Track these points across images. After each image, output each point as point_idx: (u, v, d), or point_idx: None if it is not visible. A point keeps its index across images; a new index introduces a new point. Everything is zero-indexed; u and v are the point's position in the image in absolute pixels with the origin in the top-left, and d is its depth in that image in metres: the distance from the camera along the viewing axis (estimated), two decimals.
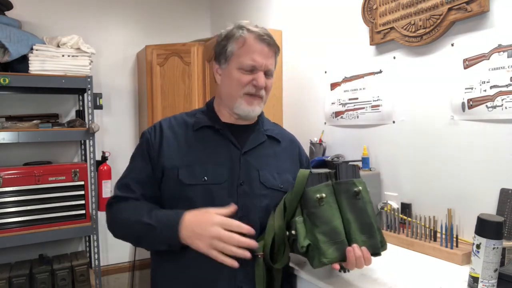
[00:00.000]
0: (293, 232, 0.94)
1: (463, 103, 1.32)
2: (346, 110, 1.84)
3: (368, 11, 1.67)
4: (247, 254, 0.89)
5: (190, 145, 1.07)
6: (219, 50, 1.11)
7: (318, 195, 0.92)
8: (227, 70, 1.08)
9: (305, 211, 0.93)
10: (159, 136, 1.09)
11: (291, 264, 1.14)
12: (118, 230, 1.07)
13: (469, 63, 1.30)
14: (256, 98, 1.08)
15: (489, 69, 1.24)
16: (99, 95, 2.61)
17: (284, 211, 0.99)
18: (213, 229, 0.90)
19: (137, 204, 1.03)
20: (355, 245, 0.90)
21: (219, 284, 0.99)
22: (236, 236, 0.89)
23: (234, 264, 0.89)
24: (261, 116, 1.19)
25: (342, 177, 0.96)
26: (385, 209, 1.44)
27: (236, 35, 1.06)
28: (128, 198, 1.05)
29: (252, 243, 0.90)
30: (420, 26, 1.43)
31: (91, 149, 2.45)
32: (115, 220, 1.07)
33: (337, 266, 0.91)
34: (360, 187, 0.93)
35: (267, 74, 1.08)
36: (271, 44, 1.07)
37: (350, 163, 1.08)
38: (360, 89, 1.76)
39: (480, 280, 0.91)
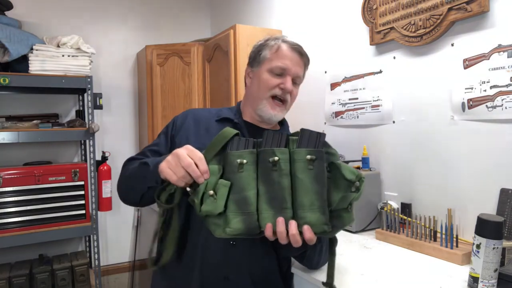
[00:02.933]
0: (210, 191, 0.84)
1: (463, 103, 1.32)
2: (346, 110, 1.84)
3: (368, 11, 1.67)
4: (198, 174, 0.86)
5: (208, 132, 1.12)
6: (253, 55, 1.18)
7: (238, 160, 0.85)
8: (258, 72, 1.15)
9: (224, 176, 0.86)
10: (183, 120, 1.16)
11: (293, 268, 1.14)
12: (122, 177, 1.09)
13: (469, 63, 1.30)
14: (279, 104, 1.13)
15: (489, 69, 1.24)
16: (99, 95, 2.61)
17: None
18: (178, 151, 0.89)
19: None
20: (279, 219, 0.81)
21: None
22: (189, 159, 0.86)
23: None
24: (284, 124, 1.25)
25: (267, 145, 0.86)
26: (385, 209, 1.44)
27: (271, 44, 1.14)
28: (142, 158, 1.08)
29: (201, 169, 0.86)
30: (420, 26, 1.43)
31: (91, 149, 2.45)
32: (123, 172, 1.10)
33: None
34: (278, 157, 0.83)
35: (295, 81, 1.14)
36: (303, 54, 1.14)
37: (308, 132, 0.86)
38: (360, 89, 1.76)
39: (480, 280, 0.91)
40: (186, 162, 0.85)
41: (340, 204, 0.82)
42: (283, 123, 1.25)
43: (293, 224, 0.80)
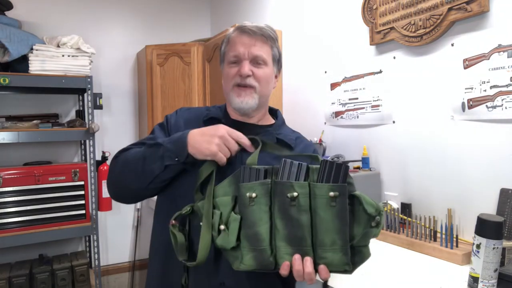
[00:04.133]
0: (221, 226, 0.83)
1: (463, 103, 1.32)
2: (346, 110, 1.84)
3: (368, 11, 1.67)
4: (246, 142, 0.92)
5: None
6: (219, 55, 1.16)
7: (248, 194, 0.81)
8: (223, 69, 1.13)
9: (237, 208, 0.84)
10: (175, 119, 1.14)
11: None
12: (118, 166, 1.04)
13: (469, 63, 1.30)
14: (244, 89, 1.07)
15: (489, 69, 1.24)
16: (99, 95, 2.62)
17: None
18: (220, 131, 0.92)
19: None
20: (296, 256, 0.78)
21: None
22: (237, 134, 0.92)
23: (223, 160, 0.91)
24: (277, 120, 1.19)
25: (283, 177, 0.81)
26: (385, 209, 1.44)
27: (225, 38, 1.12)
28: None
29: (247, 142, 0.92)
30: (420, 26, 1.43)
31: (91, 149, 2.45)
32: (118, 162, 1.04)
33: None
34: (297, 193, 0.78)
35: (256, 62, 1.07)
36: (252, 32, 1.06)
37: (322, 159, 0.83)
38: (360, 89, 1.76)
39: (480, 280, 0.91)
40: (232, 144, 0.89)
41: (361, 241, 0.78)
42: (276, 115, 1.20)
43: (308, 262, 0.77)
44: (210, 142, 0.90)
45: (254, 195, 0.81)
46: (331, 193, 0.77)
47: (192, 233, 0.95)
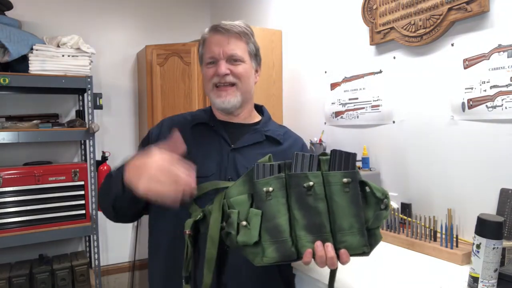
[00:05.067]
0: (243, 222, 0.84)
1: (463, 103, 1.32)
2: (346, 110, 1.84)
3: (368, 11, 1.67)
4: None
5: (185, 140, 1.07)
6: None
7: (265, 189, 0.83)
8: (202, 72, 1.14)
9: (254, 205, 0.86)
10: (158, 131, 1.13)
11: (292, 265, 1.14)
12: (100, 194, 1.10)
13: (469, 63, 1.30)
14: (224, 88, 1.08)
15: (489, 69, 1.24)
16: (99, 95, 2.61)
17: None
18: (155, 163, 0.84)
19: None
20: (318, 243, 0.80)
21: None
22: (176, 171, 0.83)
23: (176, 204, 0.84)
24: (264, 117, 1.20)
25: (297, 169, 0.84)
26: None
27: (202, 38, 1.12)
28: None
29: (191, 183, 0.85)
30: (420, 26, 1.43)
31: (91, 149, 2.45)
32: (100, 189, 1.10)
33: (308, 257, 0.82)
34: (313, 182, 0.82)
35: (233, 60, 1.08)
36: (225, 30, 1.07)
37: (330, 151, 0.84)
38: (360, 89, 1.76)
39: (480, 280, 0.91)
40: (173, 174, 0.84)
41: (375, 223, 0.82)
42: (262, 112, 1.20)
43: (329, 247, 0.80)
44: (142, 175, 0.85)
45: (271, 189, 0.83)
46: (344, 179, 0.81)
47: (199, 240, 0.96)
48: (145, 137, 1.16)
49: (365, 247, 0.81)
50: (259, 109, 1.23)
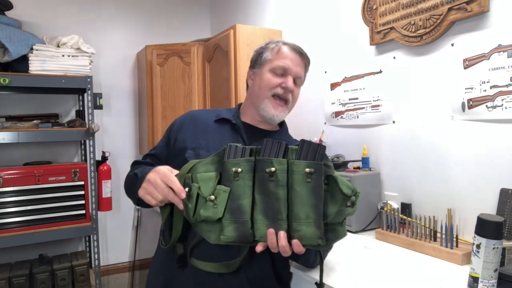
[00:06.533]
0: (211, 196, 0.86)
1: (463, 103, 1.32)
2: (346, 110, 1.84)
3: (368, 11, 1.67)
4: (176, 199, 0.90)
5: (206, 132, 1.14)
6: (255, 58, 1.20)
7: (234, 169, 0.85)
8: (260, 73, 1.16)
9: (221, 183, 0.88)
10: (181, 122, 1.19)
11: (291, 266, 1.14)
12: (125, 184, 1.16)
13: (469, 63, 1.30)
14: (282, 103, 1.14)
15: (489, 69, 1.24)
16: (99, 95, 2.61)
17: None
18: (150, 175, 0.95)
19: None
20: (270, 230, 0.82)
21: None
22: (168, 179, 0.91)
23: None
24: (282, 127, 1.25)
25: (265, 155, 0.86)
26: (385, 209, 1.44)
27: (272, 46, 1.17)
28: (143, 163, 1.17)
29: (176, 190, 0.90)
30: (420, 26, 1.43)
31: (91, 149, 2.45)
32: (127, 176, 1.15)
33: (259, 247, 0.85)
34: (275, 168, 0.83)
35: (296, 82, 1.15)
36: (303, 55, 1.16)
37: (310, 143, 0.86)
38: (360, 89, 1.76)
39: (480, 280, 0.91)
40: (160, 188, 0.91)
41: (335, 218, 0.83)
42: (282, 124, 1.26)
43: (281, 235, 0.81)
44: (143, 186, 0.96)
45: (240, 170, 0.86)
46: (307, 169, 0.83)
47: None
48: (169, 127, 1.21)
49: (320, 240, 0.82)
50: (281, 122, 1.27)
